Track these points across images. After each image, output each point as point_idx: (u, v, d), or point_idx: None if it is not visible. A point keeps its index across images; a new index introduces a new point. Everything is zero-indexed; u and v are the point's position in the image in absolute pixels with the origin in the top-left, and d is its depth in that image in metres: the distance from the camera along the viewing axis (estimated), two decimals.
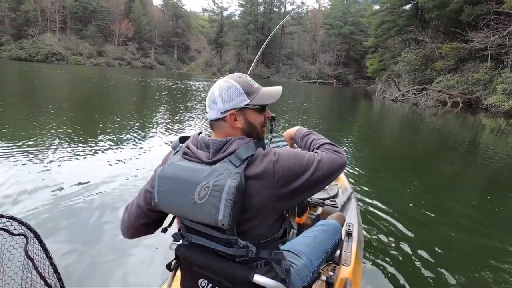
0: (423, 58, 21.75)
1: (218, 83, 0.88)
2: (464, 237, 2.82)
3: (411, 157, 6.27)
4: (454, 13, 20.52)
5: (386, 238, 2.58)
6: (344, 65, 54.80)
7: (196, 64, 56.53)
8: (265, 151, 0.82)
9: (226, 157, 0.79)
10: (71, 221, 2.57)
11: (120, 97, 13.25)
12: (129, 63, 50.60)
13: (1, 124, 5.93)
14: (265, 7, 57.53)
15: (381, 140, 8.09)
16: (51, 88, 14.70)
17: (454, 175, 5.09)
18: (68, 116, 7.37)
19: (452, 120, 12.92)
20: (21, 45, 44.59)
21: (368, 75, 37.28)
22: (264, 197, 0.77)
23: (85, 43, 49.01)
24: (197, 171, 0.78)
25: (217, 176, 0.75)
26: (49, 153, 4.29)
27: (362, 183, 3.99)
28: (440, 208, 3.42)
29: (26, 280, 0.99)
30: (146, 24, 55.55)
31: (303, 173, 0.80)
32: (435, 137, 8.84)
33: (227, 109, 0.85)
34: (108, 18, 52.46)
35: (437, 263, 2.28)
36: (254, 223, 0.80)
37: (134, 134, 5.87)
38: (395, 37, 30.19)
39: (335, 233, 1.27)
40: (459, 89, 17.71)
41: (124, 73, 32.30)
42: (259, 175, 0.77)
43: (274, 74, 54.02)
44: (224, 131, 0.87)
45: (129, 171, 3.83)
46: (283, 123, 8.59)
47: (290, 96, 18.29)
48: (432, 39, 22.45)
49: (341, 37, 54.13)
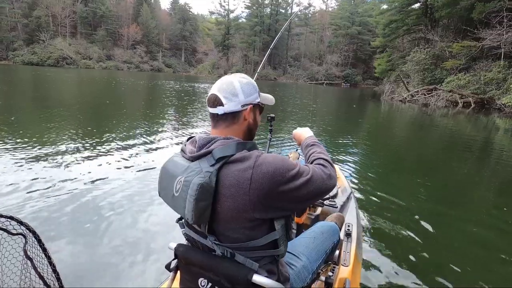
0: (432, 57, 21.29)
1: (234, 77, 0.90)
2: (466, 237, 2.78)
3: (417, 157, 6.13)
4: (465, 11, 20.12)
5: (385, 238, 2.56)
6: (351, 65, 54.40)
7: (203, 67, 56.98)
8: (248, 154, 0.80)
9: (204, 155, 0.80)
10: (72, 221, 2.58)
11: (129, 99, 13.40)
12: (137, 66, 51.33)
13: (12, 124, 6.04)
14: (271, 8, 57.69)
15: (386, 140, 7.95)
16: (62, 91, 14.97)
17: (464, 176, 4.93)
18: (77, 118, 7.47)
19: (464, 120, 12.54)
20: (33, 50, 45.75)
21: (376, 75, 36.88)
22: (238, 202, 0.75)
23: (94, 47, 49.99)
24: (178, 166, 0.83)
25: (189, 173, 0.77)
26: (56, 154, 4.34)
27: (362, 183, 3.96)
28: (443, 209, 3.36)
29: (25, 280, 0.98)
30: (154, 27, 56.37)
31: (284, 185, 0.77)
32: (445, 138, 8.58)
33: (246, 102, 0.88)
34: (117, 22, 53.48)
35: (437, 263, 2.27)
36: (230, 226, 0.78)
37: (142, 136, 5.89)
38: (404, 36, 29.79)
39: (333, 235, 1.27)
40: (471, 89, 17.20)
41: (132, 76, 32.72)
42: (235, 178, 0.75)
43: (281, 76, 54.03)
44: (231, 126, 0.88)
45: (134, 172, 3.84)
46: (292, 123, 8.54)
47: (298, 97, 18.21)
48: (442, 38, 22.02)
49: (349, 37, 53.78)
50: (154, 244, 2.25)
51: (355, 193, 3.35)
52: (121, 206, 2.88)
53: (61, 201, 2.88)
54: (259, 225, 0.80)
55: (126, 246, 2.24)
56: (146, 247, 2.23)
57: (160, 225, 2.57)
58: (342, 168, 4.55)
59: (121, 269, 2.01)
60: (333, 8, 66.00)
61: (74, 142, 5.04)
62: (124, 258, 2.12)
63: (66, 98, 12.00)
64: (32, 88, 15.09)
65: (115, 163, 4.12)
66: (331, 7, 68.63)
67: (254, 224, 0.78)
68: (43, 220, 2.53)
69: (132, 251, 2.19)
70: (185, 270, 0.92)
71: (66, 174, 3.60)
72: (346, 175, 4.19)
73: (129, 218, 2.67)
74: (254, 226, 0.79)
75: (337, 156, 5.39)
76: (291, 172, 0.78)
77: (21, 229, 1.00)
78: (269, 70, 54.09)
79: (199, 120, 8.41)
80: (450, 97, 17.38)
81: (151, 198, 3.09)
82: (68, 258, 2.07)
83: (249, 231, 0.79)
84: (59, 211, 2.71)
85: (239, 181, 0.75)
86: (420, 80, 21.42)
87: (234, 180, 0.75)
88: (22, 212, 2.62)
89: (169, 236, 2.36)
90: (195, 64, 61.56)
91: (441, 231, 2.83)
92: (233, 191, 0.75)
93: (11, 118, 6.77)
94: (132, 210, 2.82)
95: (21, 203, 2.79)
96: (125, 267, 2.03)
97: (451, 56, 20.14)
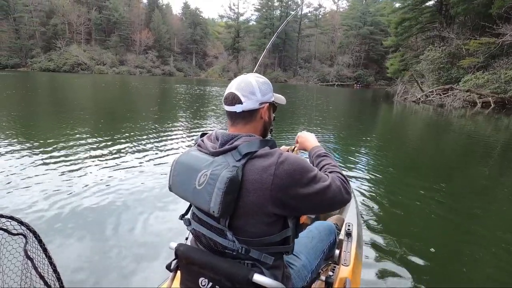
0: (448, 55, 20.47)
1: (251, 77, 0.94)
2: (467, 239, 2.73)
3: (426, 158, 5.93)
4: (482, 7, 19.35)
5: (385, 238, 2.56)
6: (363, 66, 53.68)
7: (213, 70, 57.55)
8: (271, 151, 0.83)
9: (229, 150, 0.83)
10: (72, 221, 2.60)
11: (142, 103, 13.63)
12: (149, 70, 52.26)
13: (24, 127, 6.21)
14: (281, 10, 57.67)
15: (394, 140, 7.76)
16: (78, 95, 15.39)
17: (482, 181, 4.65)
18: (87, 122, 7.62)
19: (483, 122, 11.93)
20: (50, 57, 47.49)
21: (389, 75, 36.19)
22: (260, 197, 0.78)
23: (108, 53, 51.31)
24: (201, 160, 0.85)
25: (216, 166, 0.80)
26: (60, 155, 4.43)
27: (363, 182, 3.94)
28: (447, 211, 3.29)
29: (26, 280, 0.98)
30: (165, 32, 57.35)
31: (303, 187, 0.80)
32: (462, 140, 8.15)
33: (264, 100, 0.92)
34: (129, 28, 54.75)
35: (437, 263, 2.26)
36: (249, 221, 0.81)
37: (142, 137, 5.94)
38: (417, 35, 29.05)
39: (330, 234, 1.31)
40: (490, 88, 16.31)
41: (144, 80, 33.43)
42: (259, 173, 0.78)
43: (291, 78, 53.87)
44: (249, 124, 0.92)
45: (134, 173, 3.86)
46: (306, 125, 8.44)
47: (309, 99, 18.09)
48: (458, 35, 21.18)
49: (360, 37, 53.12)
50: (154, 244, 2.26)
51: (356, 192, 3.33)
52: (122, 207, 2.89)
53: (61, 202, 2.92)
54: (276, 221, 0.83)
55: (126, 246, 2.25)
56: (147, 247, 2.24)
57: (160, 225, 2.57)
58: (343, 167, 4.51)
59: (121, 269, 2.01)
60: (344, 9, 65.50)
61: (78, 144, 5.12)
62: (124, 258, 2.12)
63: (80, 102, 12.31)
64: (50, 93, 15.59)
65: (116, 164, 4.17)
66: (342, 7, 68.16)
67: (272, 220, 0.82)
68: (44, 221, 2.56)
69: (132, 251, 2.20)
70: (186, 269, 0.93)
71: (68, 175, 3.66)
72: (346, 174, 4.11)
73: (129, 218, 2.68)
74: (271, 222, 0.82)
75: (337, 156, 5.33)
76: (310, 174, 0.82)
77: (21, 229, 1.00)
78: (279, 72, 54.04)
79: (208, 124, 8.42)
80: (468, 97, 16.70)
81: (151, 198, 3.10)
82: (68, 258, 2.07)
83: (267, 226, 0.82)
84: (62, 211, 2.74)
85: (262, 176, 0.78)
86: (435, 79, 20.76)
87: (257, 176, 0.78)
88: (24, 211, 2.67)
89: (170, 236, 2.37)
90: (205, 68, 62.18)
91: (443, 232, 2.80)
92: (256, 186, 0.78)
93: (28, 119, 6.96)
94: (133, 210, 2.84)
95: (24, 203, 2.85)
96: (125, 267, 2.03)
97: (468, 54, 19.29)
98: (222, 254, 0.87)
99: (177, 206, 2.84)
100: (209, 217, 0.85)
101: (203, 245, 0.92)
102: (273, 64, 56.27)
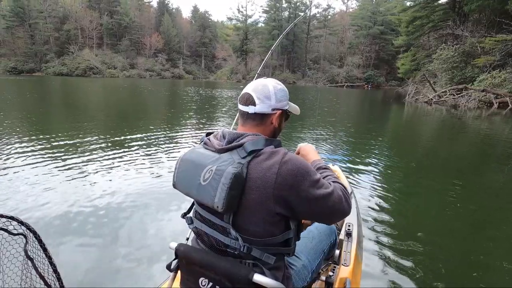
0: (462, 54, 19.70)
1: (269, 81, 0.96)
2: (469, 239, 2.70)
3: (434, 159, 5.73)
4: (498, 3, 18.68)
5: (386, 238, 2.55)
6: (374, 66, 52.93)
7: (222, 72, 57.92)
8: (276, 150, 0.84)
9: (235, 148, 0.84)
10: (73, 221, 2.61)
11: (152, 106, 13.80)
12: (159, 74, 52.97)
13: (33, 128, 6.33)
14: (289, 12, 57.56)
15: (400, 140, 7.60)
16: (91, 99, 15.71)
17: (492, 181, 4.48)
18: (99, 124, 7.73)
19: (501, 123, 11.42)
20: (63, 62, 48.88)
21: (400, 76, 35.55)
22: (263, 195, 0.79)
23: (119, 57, 52.36)
24: (206, 156, 0.86)
25: (222, 162, 0.81)
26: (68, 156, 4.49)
27: (363, 182, 3.91)
28: (451, 210, 3.21)
29: (26, 280, 0.99)
30: (175, 36, 58.15)
31: (306, 188, 0.80)
32: (477, 142, 7.78)
33: (277, 107, 0.94)
34: (140, 32, 55.79)
35: (438, 263, 2.24)
36: (252, 219, 0.81)
37: (143, 139, 5.97)
38: (429, 33, 28.43)
39: (330, 234, 1.31)
40: (508, 88, 15.72)
41: (155, 83, 33.93)
42: (262, 171, 0.79)
43: (300, 79, 53.60)
44: (259, 126, 0.93)
45: (134, 174, 3.87)
46: (295, 126, 8.33)
47: (317, 100, 17.95)
48: (473, 33, 20.48)
49: (371, 38, 52.44)
50: (154, 244, 2.25)
51: (356, 192, 3.29)
52: (122, 207, 2.90)
53: (61, 202, 2.94)
54: (279, 221, 0.83)
55: (126, 246, 2.24)
56: (147, 247, 2.23)
57: (160, 225, 2.56)
58: (343, 167, 4.46)
59: (121, 269, 2.00)
60: (353, 9, 64.86)
61: (80, 145, 5.19)
62: (124, 258, 2.12)
63: (93, 105, 12.54)
64: (64, 96, 15.96)
65: (117, 165, 4.20)
66: (351, 8, 67.53)
67: (274, 220, 0.82)
68: (44, 221, 2.58)
69: (132, 251, 2.19)
70: (186, 269, 0.93)
71: (69, 175, 3.69)
72: (347, 174, 4.11)
73: (129, 218, 2.68)
74: (273, 222, 0.82)
75: (337, 155, 5.26)
76: (314, 177, 0.83)
77: (21, 229, 1.00)
78: (288, 74, 53.87)
79: (217, 124, 8.42)
80: (483, 97, 16.09)
81: (151, 199, 3.10)
82: (69, 258, 2.08)
83: (269, 226, 0.82)
84: (63, 211, 2.75)
85: (265, 175, 0.79)
86: (448, 79, 20.17)
87: (261, 174, 0.79)
88: (24, 211, 2.69)
89: (170, 237, 2.36)
90: (214, 70, 62.67)
91: (444, 233, 2.76)
92: (259, 184, 0.79)
93: (38, 120, 7.11)
94: (133, 210, 2.84)
95: (25, 203, 2.88)
96: (126, 267, 2.02)
97: (484, 52, 18.63)
98: (224, 253, 0.87)
99: (178, 207, 2.84)
100: (213, 214, 0.86)
101: (204, 243, 0.92)
102: (282, 65, 56.17)
